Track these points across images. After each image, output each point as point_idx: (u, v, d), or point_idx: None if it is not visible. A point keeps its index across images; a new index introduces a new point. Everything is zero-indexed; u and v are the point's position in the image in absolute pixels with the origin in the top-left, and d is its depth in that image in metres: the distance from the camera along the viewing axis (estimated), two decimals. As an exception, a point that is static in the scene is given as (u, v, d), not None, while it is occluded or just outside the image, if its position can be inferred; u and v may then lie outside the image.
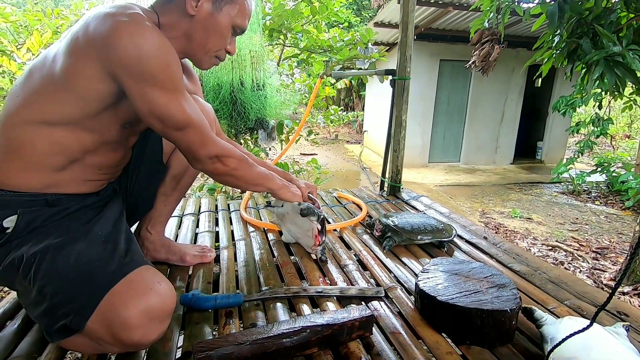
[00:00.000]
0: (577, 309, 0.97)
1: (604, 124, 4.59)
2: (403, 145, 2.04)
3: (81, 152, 0.82)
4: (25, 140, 0.76)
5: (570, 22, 1.70)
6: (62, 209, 0.82)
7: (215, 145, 0.88)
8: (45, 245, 0.75)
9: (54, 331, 0.71)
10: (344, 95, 12.25)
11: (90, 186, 0.89)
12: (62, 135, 0.77)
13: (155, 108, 0.77)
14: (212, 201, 1.81)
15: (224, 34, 0.88)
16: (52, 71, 0.75)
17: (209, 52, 0.90)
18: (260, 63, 2.08)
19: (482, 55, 2.38)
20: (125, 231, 0.88)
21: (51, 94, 0.75)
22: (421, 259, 1.25)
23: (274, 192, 1.08)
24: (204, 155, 0.87)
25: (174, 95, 0.78)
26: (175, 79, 0.79)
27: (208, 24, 0.85)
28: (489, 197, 4.72)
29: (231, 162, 0.92)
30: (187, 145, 0.85)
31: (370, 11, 12.16)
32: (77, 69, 0.73)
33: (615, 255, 2.86)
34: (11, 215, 0.77)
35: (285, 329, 0.76)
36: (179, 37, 0.86)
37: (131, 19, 0.72)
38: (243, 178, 0.97)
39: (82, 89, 0.75)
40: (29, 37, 2.60)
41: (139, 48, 0.71)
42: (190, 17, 0.83)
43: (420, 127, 6.32)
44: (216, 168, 0.90)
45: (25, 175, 0.78)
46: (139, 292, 0.71)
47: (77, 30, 0.74)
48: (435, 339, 0.84)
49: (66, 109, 0.76)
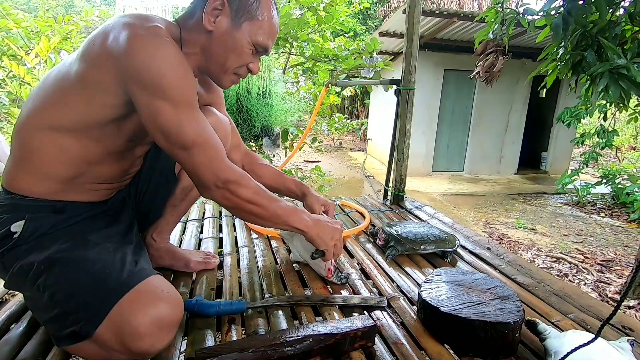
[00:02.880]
0: (581, 323, 0.96)
1: (609, 136, 4.57)
2: (407, 154, 2.05)
3: (87, 162, 0.82)
4: (35, 147, 0.78)
5: (574, 35, 1.71)
6: (70, 216, 0.83)
7: (226, 170, 0.81)
8: (55, 252, 0.76)
9: (62, 336, 0.72)
10: (349, 103, 12.29)
11: (98, 195, 0.90)
12: (69, 142, 0.78)
13: (161, 122, 0.74)
14: (216, 207, 1.82)
15: (243, 52, 0.84)
16: (66, 76, 0.76)
17: (228, 70, 0.87)
18: (266, 71, 2.11)
19: (487, 66, 2.39)
20: (135, 241, 0.89)
21: (61, 97, 0.76)
22: (424, 269, 1.25)
23: (305, 235, 0.93)
24: (210, 181, 0.80)
25: (182, 111, 0.75)
26: (187, 94, 0.76)
27: (226, 41, 0.82)
28: (492, 207, 4.70)
29: (243, 193, 0.82)
30: (192, 167, 0.79)
31: (375, 20, 12.26)
32: (90, 74, 0.74)
33: (621, 268, 2.83)
34: (19, 220, 0.78)
35: (287, 337, 0.76)
36: (198, 53, 0.85)
37: (149, 32, 0.72)
38: (259, 213, 0.86)
39: (90, 96, 0.75)
40: (38, 42, 2.64)
41: (153, 60, 0.71)
42: (208, 33, 0.82)
43: (424, 136, 6.32)
44: (225, 197, 0.82)
45: (33, 181, 0.80)
46: (148, 301, 0.72)
47: (95, 36, 0.74)
48: (438, 350, 0.84)
49: (73, 115, 0.76)
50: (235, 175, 0.82)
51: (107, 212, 0.92)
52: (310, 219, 0.93)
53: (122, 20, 0.73)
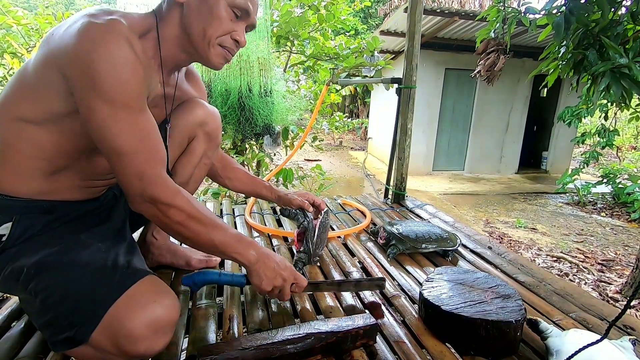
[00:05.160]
0: (582, 322, 0.96)
1: (609, 135, 4.57)
2: (408, 153, 2.05)
3: (65, 156, 0.78)
4: (10, 141, 0.75)
5: (576, 34, 1.70)
6: (59, 216, 0.81)
7: (157, 187, 0.72)
8: (45, 255, 0.74)
9: (57, 342, 0.70)
10: (349, 102, 12.29)
11: (87, 193, 0.87)
12: (40, 135, 0.74)
13: (95, 122, 0.68)
14: (217, 205, 1.82)
15: (221, 15, 0.79)
16: (26, 66, 0.75)
17: (210, 40, 0.81)
18: (267, 69, 2.10)
19: (488, 65, 2.39)
20: (127, 240, 0.87)
21: (23, 88, 0.74)
22: (425, 267, 1.25)
23: (247, 269, 0.83)
24: (136, 193, 0.72)
25: (120, 113, 0.69)
26: (127, 97, 0.70)
27: (200, 8, 0.78)
28: (493, 206, 4.70)
29: (174, 215, 0.74)
30: (121, 175, 0.72)
31: (376, 19, 12.26)
32: (42, 64, 0.71)
33: (621, 267, 2.83)
34: (7, 221, 0.75)
35: (289, 335, 0.76)
36: (179, 34, 0.82)
37: (103, 26, 0.68)
38: (191, 238, 0.77)
39: (44, 85, 0.72)
40: (39, 40, 2.64)
41: (96, 56, 0.66)
42: (181, 7, 0.79)
43: (424, 135, 6.32)
44: (154, 215, 0.74)
45: (16, 179, 0.76)
46: (143, 303, 0.70)
47: (57, 26, 0.73)
48: (439, 348, 0.84)
49: (36, 106, 0.74)
50: (167, 194, 0.74)
51: (98, 209, 0.89)
52: (256, 254, 0.82)
53: (86, 11, 0.71)
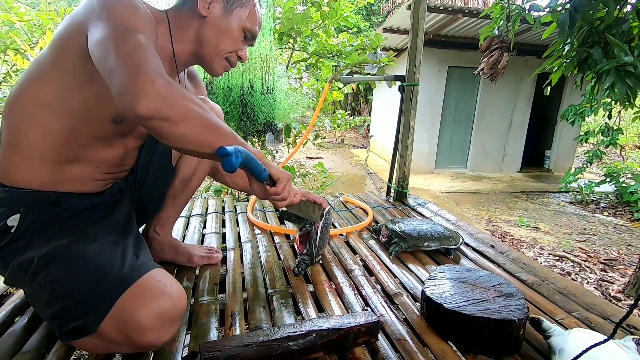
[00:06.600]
0: (585, 321, 0.96)
1: (613, 134, 4.54)
2: (410, 151, 2.04)
3: (74, 144, 0.80)
4: (21, 128, 0.77)
5: (581, 32, 1.69)
6: (66, 208, 0.83)
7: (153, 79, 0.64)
8: (54, 247, 0.75)
9: (66, 332, 0.72)
10: (351, 99, 12.26)
11: (93, 185, 0.88)
12: (52, 120, 0.76)
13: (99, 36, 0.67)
14: (219, 203, 1.82)
15: (235, 35, 0.90)
16: (43, 51, 0.78)
17: (221, 54, 0.91)
18: (270, 66, 2.10)
19: (491, 63, 2.38)
20: (134, 233, 0.89)
21: (36, 72, 0.77)
22: (427, 265, 1.25)
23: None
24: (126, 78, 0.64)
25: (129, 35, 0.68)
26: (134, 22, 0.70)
27: (220, 25, 0.88)
28: (495, 205, 4.69)
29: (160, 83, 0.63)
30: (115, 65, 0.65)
31: (379, 16, 12.20)
32: (60, 38, 0.75)
33: (624, 267, 2.82)
34: (15, 213, 0.77)
35: (291, 332, 0.76)
36: (192, 40, 0.89)
37: None
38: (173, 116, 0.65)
39: (59, 56, 0.75)
40: (42, 36, 2.64)
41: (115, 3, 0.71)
42: (202, 19, 0.87)
43: (427, 133, 6.30)
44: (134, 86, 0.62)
45: (25, 168, 0.79)
46: (151, 295, 0.72)
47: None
48: (442, 347, 0.84)
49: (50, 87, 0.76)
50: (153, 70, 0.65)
51: (103, 203, 0.91)
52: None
53: None
